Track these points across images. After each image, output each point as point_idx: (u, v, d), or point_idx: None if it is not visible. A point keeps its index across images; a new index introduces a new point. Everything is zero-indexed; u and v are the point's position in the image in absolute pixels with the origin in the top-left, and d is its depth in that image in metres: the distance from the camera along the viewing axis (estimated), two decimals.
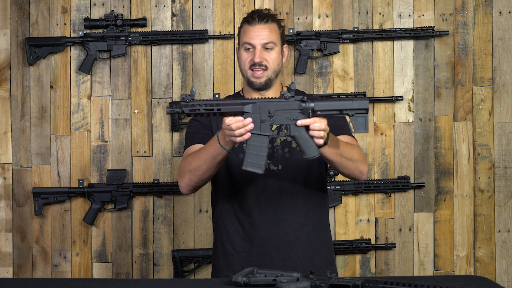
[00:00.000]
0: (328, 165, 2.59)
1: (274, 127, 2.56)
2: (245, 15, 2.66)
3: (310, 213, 2.58)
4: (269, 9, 2.64)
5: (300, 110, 2.28)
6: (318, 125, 2.28)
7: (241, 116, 2.28)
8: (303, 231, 2.57)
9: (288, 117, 2.29)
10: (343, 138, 2.60)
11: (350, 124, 2.28)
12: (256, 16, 2.56)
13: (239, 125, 2.28)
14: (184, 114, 2.29)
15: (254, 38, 2.54)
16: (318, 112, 2.28)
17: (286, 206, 2.56)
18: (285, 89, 2.68)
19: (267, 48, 2.55)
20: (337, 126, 2.63)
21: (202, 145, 2.55)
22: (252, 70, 2.55)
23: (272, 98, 2.32)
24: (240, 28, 2.61)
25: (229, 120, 2.28)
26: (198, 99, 2.28)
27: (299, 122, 2.28)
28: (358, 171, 2.54)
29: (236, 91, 3.62)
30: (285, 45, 2.62)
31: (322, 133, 2.29)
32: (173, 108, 2.28)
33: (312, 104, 2.28)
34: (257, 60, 2.54)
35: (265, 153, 2.29)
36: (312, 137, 2.29)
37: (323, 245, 2.63)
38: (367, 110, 2.27)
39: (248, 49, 2.56)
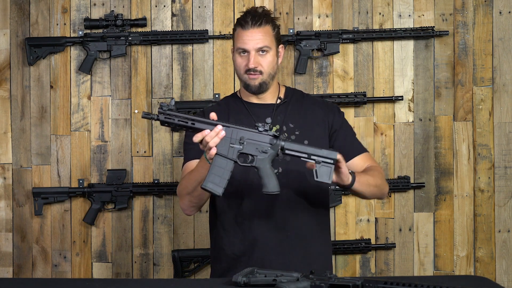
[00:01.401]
0: None
1: (274, 129, 2.57)
2: (240, 14, 2.63)
3: (311, 216, 2.56)
4: (264, 7, 2.61)
5: (270, 145, 2.31)
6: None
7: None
8: (303, 235, 2.56)
9: (257, 148, 2.31)
10: (361, 158, 2.62)
11: (314, 171, 2.29)
12: (249, 19, 2.54)
13: (212, 135, 2.27)
14: (158, 121, 2.29)
15: (247, 43, 2.53)
16: (287, 151, 2.31)
17: (286, 209, 2.54)
18: (282, 89, 2.67)
19: (262, 51, 2.53)
20: (351, 144, 2.63)
21: (197, 160, 2.52)
22: (247, 74, 2.54)
23: (245, 127, 2.32)
24: (234, 31, 2.60)
25: (197, 137, 2.27)
26: (176, 112, 2.28)
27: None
28: (381, 193, 2.59)
29: (236, 91, 3.62)
30: (280, 45, 2.60)
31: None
32: (148, 114, 2.31)
33: (282, 143, 2.31)
34: (251, 66, 2.53)
35: (227, 177, 2.29)
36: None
37: (323, 249, 2.62)
38: (334, 161, 2.29)
39: (243, 54, 2.54)
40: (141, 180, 3.65)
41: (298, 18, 3.65)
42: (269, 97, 2.61)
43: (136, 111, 3.65)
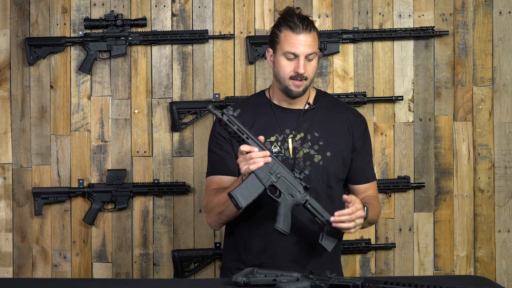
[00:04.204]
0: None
1: (298, 136, 2.56)
2: (279, 14, 2.59)
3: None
4: (299, 8, 2.59)
5: (299, 192, 2.36)
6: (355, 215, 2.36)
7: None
8: (317, 244, 2.53)
9: (287, 189, 2.36)
10: (368, 186, 2.65)
11: (321, 234, 2.38)
12: (299, 23, 2.49)
13: (259, 155, 2.30)
14: (218, 120, 2.32)
15: (299, 48, 2.47)
16: (308, 206, 2.38)
17: (304, 218, 2.50)
18: (313, 93, 2.62)
19: (309, 59, 2.49)
20: (365, 169, 2.64)
21: (225, 177, 2.51)
22: (292, 79, 2.49)
23: (286, 167, 2.37)
24: (278, 31, 2.51)
25: (245, 148, 2.31)
26: (237, 121, 2.32)
27: (335, 218, 2.35)
28: (376, 221, 2.70)
29: (236, 91, 3.62)
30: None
31: (352, 224, 2.36)
32: (215, 110, 2.34)
33: (308, 198, 2.37)
34: (301, 71, 2.47)
35: (254, 197, 2.32)
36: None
37: (335, 258, 2.61)
38: (341, 239, 2.42)
39: (290, 58, 2.48)
40: (141, 180, 3.65)
41: None
42: (299, 102, 2.57)
43: (136, 111, 3.65)
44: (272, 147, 2.52)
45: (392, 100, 3.62)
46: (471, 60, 3.64)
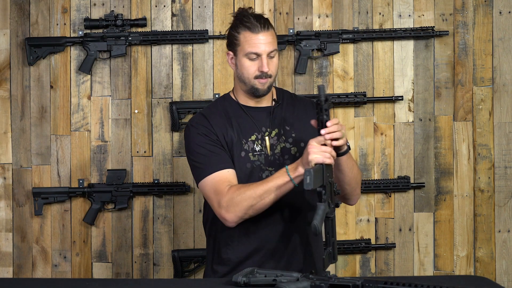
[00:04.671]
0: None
1: (274, 133, 2.56)
2: (230, 15, 2.60)
3: (304, 218, 2.56)
4: (251, 7, 2.60)
5: (330, 206, 2.32)
6: (335, 128, 2.32)
7: None
8: (303, 239, 2.55)
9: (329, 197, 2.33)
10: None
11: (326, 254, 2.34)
12: (257, 22, 2.50)
13: (333, 153, 2.32)
14: (325, 100, 2.29)
15: (260, 47, 2.48)
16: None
17: (287, 215, 2.53)
18: (274, 91, 2.63)
19: (271, 55, 2.50)
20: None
21: (232, 170, 2.47)
22: (257, 79, 2.51)
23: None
24: (236, 33, 2.52)
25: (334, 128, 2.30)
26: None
27: (323, 131, 2.32)
28: (356, 194, 2.60)
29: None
30: None
31: (340, 141, 2.35)
32: (324, 92, 2.29)
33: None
34: (266, 70, 2.49)
35: (316, 186, 2.26)
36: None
37: (320, 250, 2.62)
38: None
39: (253, 58, 2.50)
40: (141, 180, 3.65)
41: (298, 18, 3.65)
42: (265, 100, 2.60)
43: (136, 111, 3.65)
44: (254, 146, 2.54)
45: (392, 100, 3.62)
46: (471, 60, 3.64)
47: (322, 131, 2.31)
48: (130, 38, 3.62)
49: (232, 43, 2.54)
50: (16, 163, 3.66)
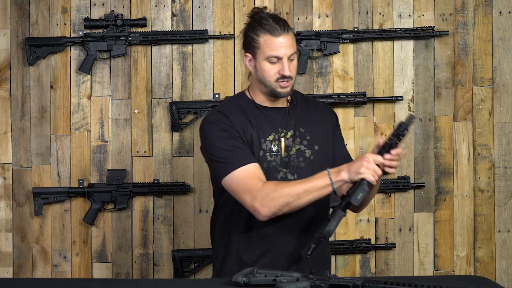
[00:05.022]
0: None
1: (289, 134, 2.55)
2: (246, 15, 2.58)
3: (318, 223, 2.56)
4: (266, 7, 2.57)
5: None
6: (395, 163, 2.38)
7: None
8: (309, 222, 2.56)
9: None
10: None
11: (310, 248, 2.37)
12: (276, 24, 2.46)
13: (380, 174, 2.35)
14: (410, 120, 2.36)
15: (281, 50, 2.45)
16: None
17: (299, 216, 2.52)
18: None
19: (291, 59, 2.48)
20: (345, 151, 2.67)
21: (258, 164, 2.45)
22: (278, 82, 2.48)
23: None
24: (255, 35, 2.48)
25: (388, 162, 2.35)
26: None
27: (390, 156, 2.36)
28: (366, 206, 2.64)
29: (235, 91, 3.62)
30: None
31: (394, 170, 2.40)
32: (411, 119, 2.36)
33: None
34: (287, 74, 2.47)
35: (357, 203, 2.34)
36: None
37: (326, 251, 2.63)
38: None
39: (274, 62, 2.47)
40: (141, 180, 3.65)
41: (298, 18, 3.65)
42: (281, 101, 2.57)
43: (136, 111, 3.65)
44: (272, 146, 2.52)
45: (392, 100, 3.62)
46: (471, 60, 3.64)
47: (387, 156, 2.34)
48: (130, 38, 3.62)
49: (250, 45, 2.51)
50: (16, 163, 3.66)
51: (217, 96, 3.61)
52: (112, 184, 3.61)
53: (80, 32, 3.63)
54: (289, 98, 2.60)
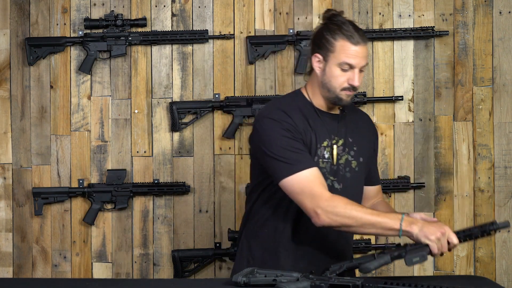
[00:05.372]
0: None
1: (340, 142, 2.51)
2: (321, 15, 2.51)
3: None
4: (343, 11, 2.52)
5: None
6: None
7: None
8: (347, 248, 2.57)
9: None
10: (377, 189, 2.68)
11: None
12: (356, 32, 2.41)
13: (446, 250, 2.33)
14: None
15: (355, 60, 2.40)
16: None
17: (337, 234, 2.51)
18: None
19: (361, 70, 2.44)
20: (375, 172, 2.68)
21: (318, 170, 2.39)
22: (344, 90, 2.44)
23: None
24: (332, 39, 2.42)
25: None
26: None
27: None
28: None
29: (236, 91, 3.62)
30: None
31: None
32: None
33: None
34: (356, 84, 2.42)
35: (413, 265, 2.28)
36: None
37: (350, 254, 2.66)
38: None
39: (345, 69, 2.41)
40: (141, 180, 3.65)
41: (298, 18, 3.65)
42: (335, 107, 2.53)
43: (136, 111, 3.65)
44: (325, 153, 2.48)
45: (392, 100, 3.62)
46: (471, 60, 3.64)
47: (460, 241, 2.34)
48: (130, 38, 3.62)
49: (324, 47, 2.44)
50: (16, 163, 3.66)
51: (217, 96, 3.61)
52: (112, 184, 3.61)
53: (80, 32, 3.63)
54: None
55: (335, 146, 2.49)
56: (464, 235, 2.34)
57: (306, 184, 2.37)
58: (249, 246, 2.59)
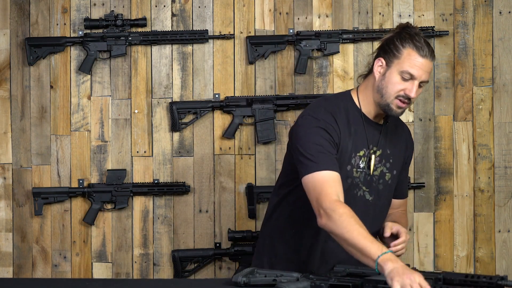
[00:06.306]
0: None
1: (378, 153, 2.49)
2: (398, 25, 2.50)
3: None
4: (417, 26, 2.50)
5: None
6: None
7: None
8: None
9: None
10: (403, 202, 2.67)
11: None
12: (426, 46, 2.39)
13: None
14: None
15: (418, 72, 2.39)
16: None
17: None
18: None
19: (420, 86, 2.42)
20: (404, 185, 2.66)
21: (337, 174, 2.34)
22: (398, 99, 2.41)
23: None
24: (400, 45, 2.40)
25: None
26: None
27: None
28: None
29: (236, 91, 3.63)
30: None
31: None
32: None
33: None
34: (412, 96, 2.40)
35: None
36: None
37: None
38: None
39: (406, 78, 2.39)
40: (141, 180, 3.65)
41: (298, 18, 3.65)
42: (380, 117, 2.52)
43: (136, 111, 3.65)
44: (360, 162, 2.47)
45: None
46: (471, 60, 3.64)
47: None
48: (130, 38, 3.62)
49: (390, 52, 2.42)
50: (16, 163, 3.66)
51: (217, 96, 3.61)
52: (112, 184, 3.61)
53: (80, 32, 3.63)
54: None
55: (373, 156, 2.48)
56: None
57: (319, 184, 2.34)
58: (272, 243, 2.58)
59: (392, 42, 2.43)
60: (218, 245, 3.60)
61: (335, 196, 2.32)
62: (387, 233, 2.44)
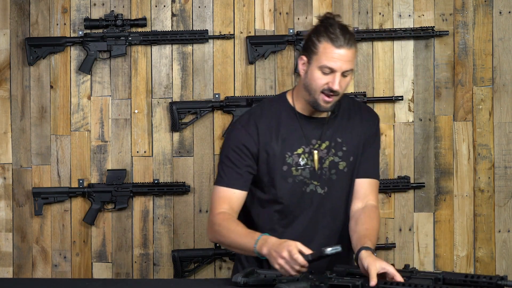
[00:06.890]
0: None
1: (324, 145, 2.47)
2: (317, 18, 2.46)
3: (345, 231, 2.52)
4: (339, 15, 2.43)
5: None
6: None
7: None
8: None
9: None
10: (368, 183, 2.53)
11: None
12: (341, 35, 2.33)
13: (296, 268, 2.17)
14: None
15: (337, 63, 2.34)
16: None
17: (326, 228, 2.50)
18: None
19: (344, 75, 2.37)
20: (367, 163, 2.53)
21: (238, 192, 2.43)
22: (323, 93, 2.38)
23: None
24: (317, 40, 2.37)
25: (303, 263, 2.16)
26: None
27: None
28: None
29: (236, 91, 3.62)
30: None
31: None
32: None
33: None
34: (336, 88, 2.35)
35: None
36: None
37: (349, 258, 2.60)
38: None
39: (326, 72, 2.35)
40: (141, 180, 3.65)
41: (298, 18, 3.65)
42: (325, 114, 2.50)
43: (136, 111, 3.65)
44: (300, 160, 2.46)
45: (392, 100, 3.62)
46: (471, 60, 3.63)
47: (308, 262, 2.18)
48: (130, 38, 3.62)
49: (309, 49, 2.40)
50: (16, 163, 3.66)
51: (217, 96, 3.61)
52: (112, 184, 3.61)
53: (80, 32, 3.63)
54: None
55: (315, 152, 2.47)
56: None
57: (215, 199, 2.48)
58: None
59: (309, 38, 2.40)
60: (218, 245, 3.60)
61: (221, 209, 2.43)
62: (373, 281, 2.18)
